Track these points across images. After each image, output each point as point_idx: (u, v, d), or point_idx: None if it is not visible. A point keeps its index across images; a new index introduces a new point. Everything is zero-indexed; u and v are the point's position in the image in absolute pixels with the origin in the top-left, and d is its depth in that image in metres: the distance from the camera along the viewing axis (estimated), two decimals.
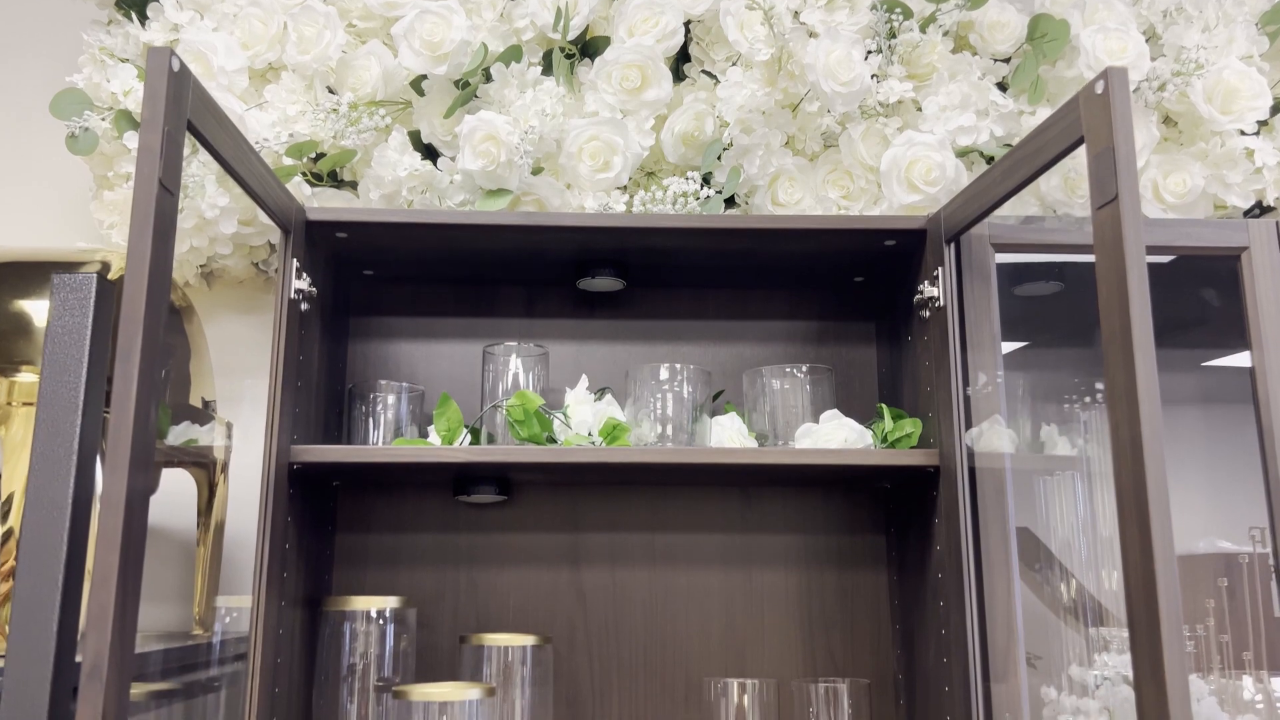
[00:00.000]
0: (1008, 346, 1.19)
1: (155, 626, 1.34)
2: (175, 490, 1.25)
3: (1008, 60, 1.34)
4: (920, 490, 1.19)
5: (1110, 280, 0.80)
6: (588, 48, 1.33)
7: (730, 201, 1.31)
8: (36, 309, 0.96)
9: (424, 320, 1.37)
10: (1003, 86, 1.33)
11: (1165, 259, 1.27)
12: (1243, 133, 1.27)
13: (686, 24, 1.31)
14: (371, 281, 1.35)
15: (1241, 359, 1.19)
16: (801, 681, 1.21)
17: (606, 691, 1.28)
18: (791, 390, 1.24)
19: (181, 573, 1.35)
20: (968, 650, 1.05)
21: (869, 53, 1.27)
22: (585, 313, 1.38)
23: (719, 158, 1.26)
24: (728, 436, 1.21)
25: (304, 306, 1.13)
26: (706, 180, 1.28)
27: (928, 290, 1.15)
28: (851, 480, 1.31)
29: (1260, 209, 1.31)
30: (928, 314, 1.16)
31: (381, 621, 1.17)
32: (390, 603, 1.17)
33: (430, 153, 1.30)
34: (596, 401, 1.23)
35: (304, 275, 1.12)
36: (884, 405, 1.23)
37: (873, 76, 1.26)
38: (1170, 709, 0.71)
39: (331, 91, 1.30)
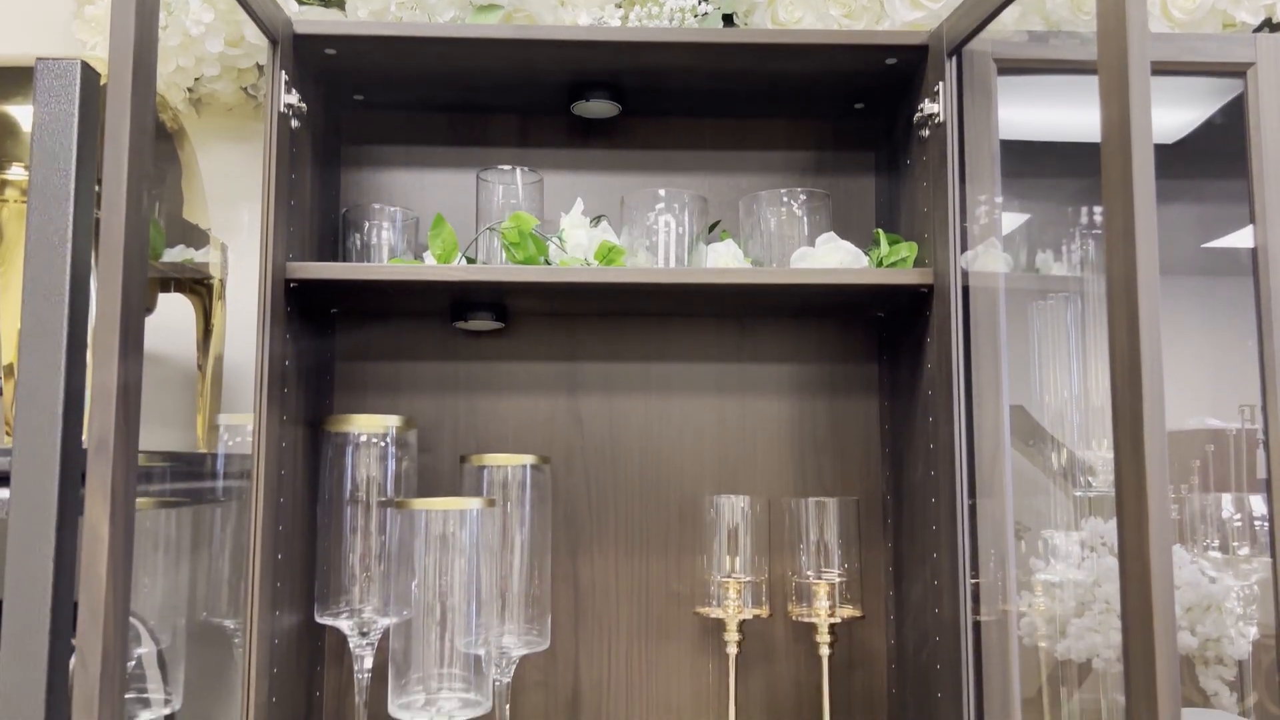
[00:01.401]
0: (1007, 173, 1.18)
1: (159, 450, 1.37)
2: (174, 320, 1.26)
3: None
4: (913, 315, 1.20)
5: (1111, 66, 0.78)
6: None
7: (729, 20, 1.27)
8: (22, 113, 0.94)
9: (417, 149, 1.36)
10: None
11: (1171, 140, 1.25)
12: None
13: None
14: (362, 107, 1.33)
15: (1244, 237, 1.18)
16: (792, 498, 1.25)
17: (604, 511, 1.32)
18: (788, 219, 1.24)
19: (183, 400, 1.37)
20: (954, 462, 1.08)
21: None
22: (580, 142, 1.37)
23: None
24: (724, 262, 1.21)
25: (294, 123, 1.11)
26: None
27: (928, 108, 1.13)
28: (846, 308, 1.31)
29: (1270, 26, 1.27)
30: (927, 133, 1.15)
31: (384, 443, 1.19)
32: (392, 422, 1.19)
33: None
34: (592, 228, 1.22)
35: (293, 90, 1.10)
36: (880, 231, 1.23)
37: None
38: (1151, 558, 0.73)
39: None
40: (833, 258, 1.18)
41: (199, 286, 1.25)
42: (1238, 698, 1.24)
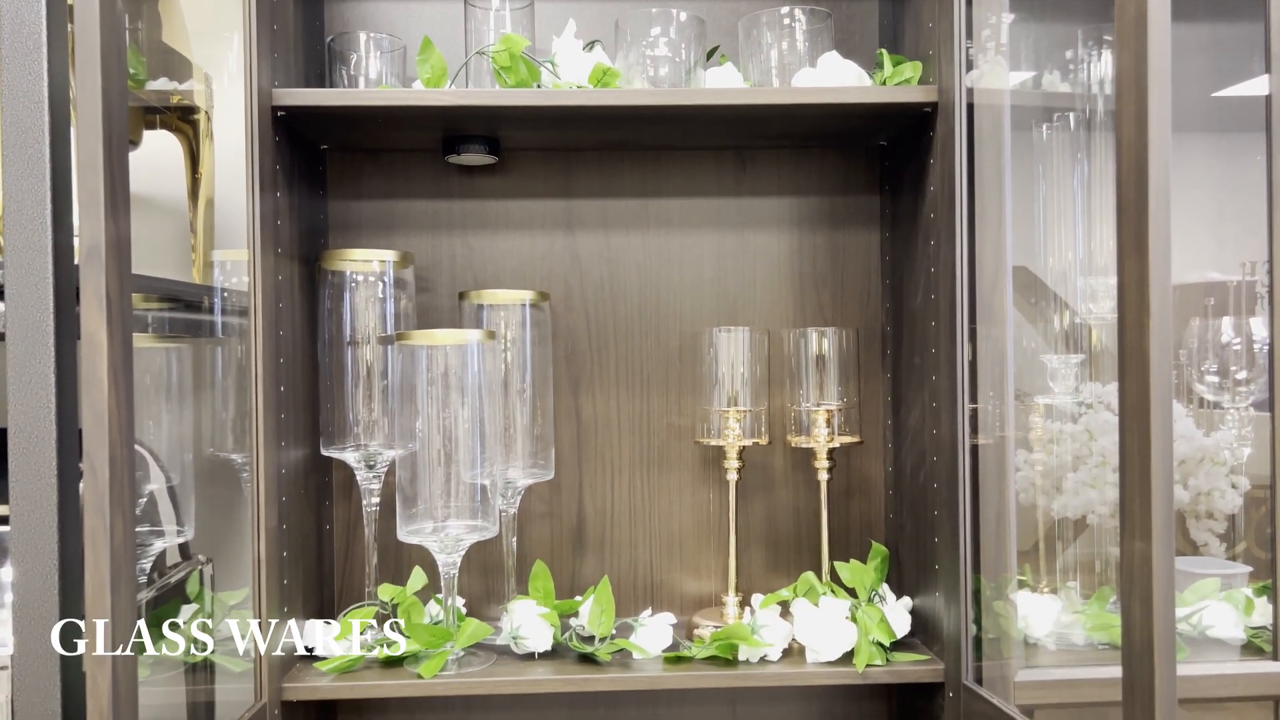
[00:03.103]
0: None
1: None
2: (163, 160, 1.24)
3: None
4: (916, 140, 1.17)
5: None
6: None
7: None
8: None
9: None
10: None
11: None
12: None
13: None
14: None
15: (1259, 85, 1.13)
16: (791, 329, 1.25)
17: (604, 347, 1.32)
18: (789, 42, 1.20)
19: (176, 242, 1.36)
20: (955, 284, 1.07)
21: None
22: None
23: None
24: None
25: None
26: None
27: None
28: (847, 135, 1.28)
29: None
30: None
31: (381, 280, 1.18)
32: (389, 256, 1.18)
33: None
34: (586, 53, 1.18)
35: None
36: (884, 51, 1.19)
37: None
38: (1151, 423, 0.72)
39: None
40: (835, 77, 1.14)
41: (184, 124, 1.22)
42: (1226, 546, 1.27)
